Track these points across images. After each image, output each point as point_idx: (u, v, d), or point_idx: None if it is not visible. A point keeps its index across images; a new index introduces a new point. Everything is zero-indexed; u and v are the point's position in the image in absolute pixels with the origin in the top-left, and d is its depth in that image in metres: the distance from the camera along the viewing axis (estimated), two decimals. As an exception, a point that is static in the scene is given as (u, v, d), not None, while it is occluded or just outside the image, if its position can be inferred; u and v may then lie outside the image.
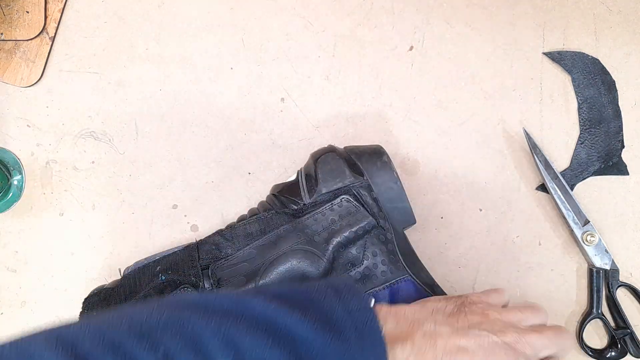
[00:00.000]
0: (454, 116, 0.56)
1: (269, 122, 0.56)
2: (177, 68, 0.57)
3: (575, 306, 0.54)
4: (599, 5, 0.57)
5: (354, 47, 0.57)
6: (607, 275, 0.53)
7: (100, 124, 0.56)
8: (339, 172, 0.47)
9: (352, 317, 0.33)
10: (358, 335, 0.33)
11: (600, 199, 0.55)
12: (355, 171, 0.48)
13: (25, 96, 0.57)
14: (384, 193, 0.48)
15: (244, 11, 0.57)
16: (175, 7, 0.57)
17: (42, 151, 0.56)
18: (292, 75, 0.57)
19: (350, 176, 0.47)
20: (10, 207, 0.55)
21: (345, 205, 0.47)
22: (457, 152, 0.56)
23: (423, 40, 0.57)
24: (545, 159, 0.53)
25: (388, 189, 0.48)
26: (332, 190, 0.47)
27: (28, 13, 0.56)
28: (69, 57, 0.57)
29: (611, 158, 0.55)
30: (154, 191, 0.56)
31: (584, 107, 0.56)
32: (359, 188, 0.47)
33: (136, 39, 0.57)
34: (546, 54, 0.56)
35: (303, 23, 0.57)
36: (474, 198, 0.55)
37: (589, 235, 0.53)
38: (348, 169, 0.48)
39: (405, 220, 0.48)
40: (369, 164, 0.48)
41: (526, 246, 0.55)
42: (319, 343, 0.31)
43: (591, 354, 0.53)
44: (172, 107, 0.56)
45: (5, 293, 0.55)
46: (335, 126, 0.56)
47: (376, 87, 0.56)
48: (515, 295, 0.54)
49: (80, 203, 0.56)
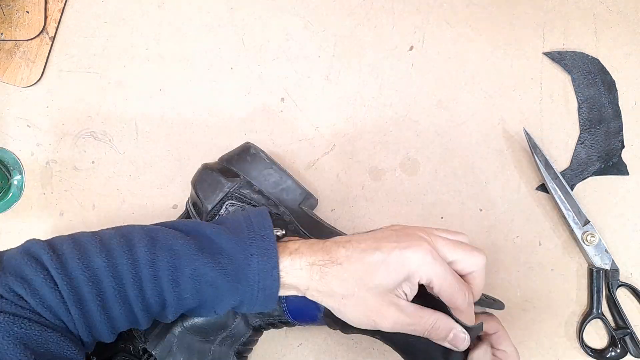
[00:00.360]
0: (454, 116, 0.56)
1: (269, 122, 0.56)
2: (177, 68, 0.57)
3: (575, 306, 0.54)
4: (599, 5, 0.57)
5: (354, 47, 0.57)
6: (607, 275, 0.53)
7: (100, 124, 0.56)
8: (215, 184, 0.48)
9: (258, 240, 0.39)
10: (259, 251, 0.38)
11: (600, 199, 0.55)
12: (230, 175, 0.48)
13: (25, 96, 0.57)
14: (264, 182, 0.48)
15: (244, 11, 0.57)
16: (175, 7, 0.57)
17: (42, 151, 0.56)
18: (292, 75, 0.57)
19: (226, 182, 0.47)
20: (10, 207, 0.55)
21: (232, 210, 0.47)
22: (457, 152, 0.56)
23: (423, 40, 0.57)
24: (545, 159, 0.53)
25: (267, 176, 0.48)
26: (216, 203, 0.47)
27: (28, 13, 0.56)
28: (69, 57, 0.57)
29: (611, 158, 0.55)
30: (154, 191, 0.56)
31: (584, 107, 0.56)
32: (238, 189, 0.47)
33: (136, 39, 0.57)
34: (546, 54, 0.56)
35: (303, 23, 0.57)
36: (474, 198, 0.55)
37: (589, 235, 0.53)
38: (223, 177, 0.48)
39: (297, 197, 0.49)
40: (240, 162, 0.49)
41: (526, 246, 0.55)
42: (221, 238, 0.39)
43: (591, 354, 0.53)
44: (172, 107, 0.56)
45: (5, 293, 0.55)
46: (335, 126, 0.56)
47: (376, 87, 0.56)
48: (515, 295, 0.54)
49: (80, 203, 0.56)
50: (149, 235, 0.38)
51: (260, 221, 0.40)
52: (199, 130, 0.56)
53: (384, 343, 0.44)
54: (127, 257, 0.37)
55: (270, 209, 0.47)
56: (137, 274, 0.36)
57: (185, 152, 0.56)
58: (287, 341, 0.54)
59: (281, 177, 0.49)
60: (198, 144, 0.56)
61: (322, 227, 0.48)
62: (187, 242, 0.38)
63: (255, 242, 0.38)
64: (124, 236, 0.38)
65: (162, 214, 0.55)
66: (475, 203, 0.55)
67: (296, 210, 0.48)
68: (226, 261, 0.38)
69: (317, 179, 0.56)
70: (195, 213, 0.48)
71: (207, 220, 0.47)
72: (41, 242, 0.38)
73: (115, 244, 0.37)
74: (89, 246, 0.37)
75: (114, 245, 0.37)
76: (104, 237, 0.38)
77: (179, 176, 0.56)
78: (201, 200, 0.48)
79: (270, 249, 0.38)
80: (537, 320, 0.54)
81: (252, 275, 0.38)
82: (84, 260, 0.36)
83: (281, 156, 0.56)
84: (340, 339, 0.54)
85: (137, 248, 0.37)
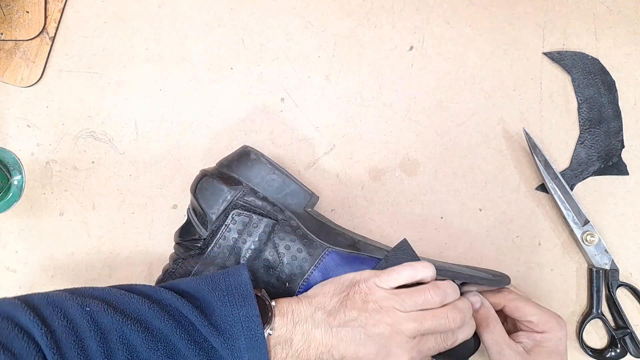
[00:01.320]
0: (454, 116, 0.56)
1: (269, 122, 0.56)
2: (177, 68, 0.57)
3: (575, 306, 0.54)
4: (599, 5, 0.57)
5: (354, 47, 0.57)
6: (607, 275, 0.53)
7: (100, 124, 0.56)
8: (218, 192, 0.47)
9: (242, 324, 0.38)
10: (247, 344, 0.38)
11: (600, 199, 0.55)
12: (232, 183, 0.47)
13: (25, 96, 0.57)
14: (268, 188, 0.48)
15: (244, 11, 0.57)
16: (175, 7, 0.57)
17: (42, 151, 0.56)
18: (292, 75, 0.57)
19: (229, 191, 0.47)
20: (10, 207, 0.55)
21: (239, 219, 0.46)
22: (457, 152, 0.56)
23: (423, 40, 0.57)
24: (545, 159, 0.53)
25: (270, 182, 0.48)
26: (221, 212, 0.46)
27: (28, 13, 0.56)
28: (69, 57, 0.57)
29: (611, 158, 0.55)
30: (154, 191, 0.56)
31: (584, 107, 0.56)
32: (243, 197, 0.47)
33: (136, 39, 0.57)
34: (546, 54, 0.56)
35: (303, 23, 0.57)
36: (474, 198, 0.55)
37: (589, 235, 0.53)
38: (225, 185, 0.47)
39: (301, 200, 0.48)
40: (241, 168, 0.48)
41: (526, 246, 0.55)
42: (214, 344, 0.38)
43: (591, 354, 0.53)
44: (172, 107, 0.56)
45: (5, 293, 0.55)
46: (335, 126, 0.56)
47: (376, 87, 0.56)
48: (515, 295, 0.54)
49: (80, 203, 0.56)
50: (142, 324, 0.37)
51: (251, 326, 0.39)
52: (199, 130, 0.56)
53: None
54: None
55: (277, 214, 0.47)
56: None
57: (185, 152, 0.56)
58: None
59: (284, 182, 0.48)
60: (198, 144, 0.56)
61: (329, 229, 0.48)
62: (180, 332, 0.38)
63: (246, 343, 0.38)
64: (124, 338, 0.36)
65: (162, 214, 0.55)
66: (475, 203, 0.55)
67: (302, 214, 0.48)
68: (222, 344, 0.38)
69: (317, 179, 0.56)
70: (198, 222, 0.47)
71: (213, 230, 0.46)
72: (20, 306, 0.36)
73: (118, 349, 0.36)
74: (83, 330, 0.35)
75: None
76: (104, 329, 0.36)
77: (179, 176, 0.56)
78: (204, 211, 0.47)
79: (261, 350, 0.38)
80: (537, 320, 0.54)
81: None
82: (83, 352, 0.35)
83: (281, 156, 0.56)
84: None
85: (117, 355, 0.36)
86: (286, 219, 0.47)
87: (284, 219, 0.47)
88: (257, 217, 0.46)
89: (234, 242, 0.46)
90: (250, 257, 0.46)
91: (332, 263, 0.46)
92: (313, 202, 0.51)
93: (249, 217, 0.46)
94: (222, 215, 0.46)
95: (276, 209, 0.47)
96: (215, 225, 0.46)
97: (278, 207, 0.47)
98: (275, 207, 0.47)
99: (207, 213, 0.47)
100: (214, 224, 0.46)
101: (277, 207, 0.47)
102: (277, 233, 0.46)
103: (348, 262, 0.46)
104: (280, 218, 0.47)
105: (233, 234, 0.46)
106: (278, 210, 0.47)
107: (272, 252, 0.46)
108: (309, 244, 0.46)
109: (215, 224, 0.46)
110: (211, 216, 0.46)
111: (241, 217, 0.46)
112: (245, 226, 0.46)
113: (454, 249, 0.55)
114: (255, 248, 0.46)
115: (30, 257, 0.55)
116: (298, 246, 0.46)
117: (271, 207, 0.47)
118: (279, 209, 0.47)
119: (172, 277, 0.47)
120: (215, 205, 0.47)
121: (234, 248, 0.46)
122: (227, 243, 0.46)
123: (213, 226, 0.46)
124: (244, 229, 0.46)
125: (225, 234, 0.46)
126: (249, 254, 0.46)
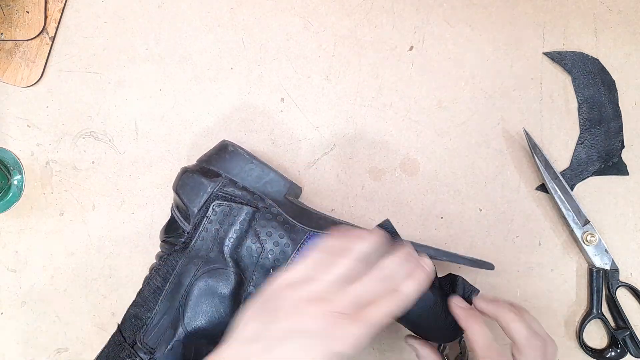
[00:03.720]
0: (454, 116, 0.56)
1: (269, 122, 0.56)
2: (177, 68, 0.57)
3: (575, 306, 0.54)
4: (599, 5, 0.57)
5: (354, 47, 0.57)
6: (607, 275, 0.53)
7: (100, 124, 0.56)
8: (198, 186, 0.47)
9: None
10: None
11: (600, 199, 0.55)
12: (212, 176, 0.48)
13: (25, 96, 0.57)
14: (247, 178, 0.48)
15: (244, 11, 0.57)
16: (175, 7, 0.57)
17: (42, 151, 0.56)
18: (292, 75, 0.57)
19: (209, 183, 0.47)
20: (10, 207, 0.55)
21: (219, 210, 0.47)
22: (457, 152, 0.56)
23: (423, 40, 0.57)
24: (545, 159, 0.53)
25: (249, 171, 0.48)
26: (202, 205, 0.47)
27: (28, 13, 0.56)
28: (69, 57, 0.57)
29: (611, 158, 0.55)
30: (154, 191, 0.56)
31: (584, 107, 0.56)
32: (222, 188, 0.47)
33: (136, 39, 0.57)
34: (546, 54, 0.56)
35: (303, 23, 0.57)
36: (474, 198, 0.55)
37: (589, 235, 0.53)
38: (205, 178, 0.47)
39: (281, 188, 0.49)
40: (219, 161, 0.49)
41: (526, 246, 0.55)
42: None
43: (591, 354, 0.53)
44: (172, 107, 0.56)
45: (5, 293, 0.55)
46: (335, 126, 0.56)
47: (376, 87, 0.56)
48: (515, 295, 0.54)
49: (80, 203, 0.56)
50: None
51: None
52: (199, 130, 0.56)
53: None
54: None
55: (257, 202, 0.47)
56: None
57: (185, 152, 0.56)
58: (287, 341, 0.54)
59: (263, 171, 0.49)
60: (198, 144, 0.56)
61: (310, 214, 0.48)
62: None
63: None
64: None
65: (162, 213, 0.55)
66: (475, 203, 0.55)
67: (282, 202, 0.48)
68: None
69: (317, 179, 0.56)
70: (181, 217, 0.48)
71: (195, 224, 0.47)
72: None
73: None
74: None
75: None
76: None
77: (179, 176, 0.56)
78: (186, 205, 0.47)
79: None
80: (537, 320, 0.54)
81: None
82: None
83: (281, 156, 0.56)
84: (340, 339, 0.54)
85: None
86: (267, 206, 0.47)
87: (265, 207, 0.47)
88: (237, 206, 0.46)
89: (216, 232, 0.46)
90: (233, 246, 0.46)
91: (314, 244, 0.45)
92: (296, 193, 0.51)
93: (229, 207, 0.47)
94: (203, 207, 0.47)
95: (256, 198, 0.47)
96: (197, 218, 0.47)
97: (258, 196, 0.48)
98: (255, 195, 0.47)
99: (189, 207, 0.47)
100: (196, 217, 0.47)
101: (257, 196, 0.48)
102: (258, 221, 0.47)
103: None
104: (261, 206, 0.47)
105: (215, 225, 0.47)
106: (258, 198, 0.47)
107: (254, 240, 0.46)
108: (291, 229, 0.46)
109: (197, 216, 0.47)
110: (193, 209, 0.47)
111: (221, 207, 0.47)
112: (226, 216, 0.47)
113: (454, 249, 0.55)
114: (238, 237, 0.46)
115: (30, 257, 0.55)
116: (280, 232, 0.46)
117: (251, 196, 0.47)
118: (259, 197, 0.47)
119: (158, 273, 0.47)
120: (197, 198, 0.47)
121: (217, 238, 0.46)
122: (210, 234, 0.47)
123: (195, 219, 0.47)
124: (225, 219, 0.46)
125: (207, 226, 0.47)
126: (232, 243, 0.46)
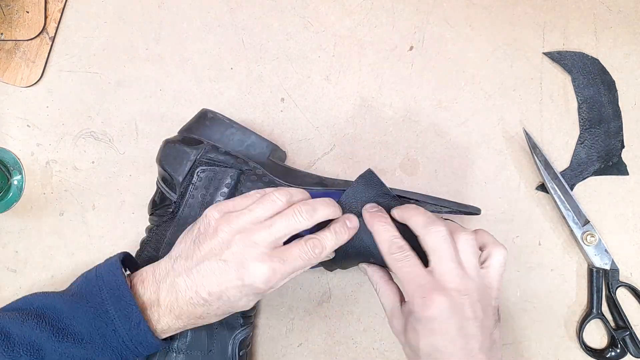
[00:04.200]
0: (454, 116, 0.56)
1: (269, 122, 0.56)
2: (177, 68, 0.57)
3: (575, 306, 0.54)
4: (599, 5, 0.57)
5: (354, 47, 0.57)
6: (607, 275, 0.53)
7: (100, 124, 0.56)
8: (181, 154, 0.48)
9: (114, 302, 0.39)
10: (119, 314, 0.39)
11: (600, 199, 0.55)
12: (194, 143, 0.48)
13: (25, 96, 0.57)
14: (229, 142, 0.49)
15: (244, 11, 0.57)
16: (175, 7, 0.57)
17: (42, 151, 0.56)
18: (292, 75, 0.57)
19: (191, 151, 0.48)
20: (10, 207, 0.55)
21: (204, 176, 0.47)
22: (457, 152, 0.56)
23: (423, 40, 0.57)
24: (545, 159, 0.53)
25: (230, 136, 0.49)
26: (187, 173, 0.47)
27: (28, 13, 0.56)
28: (69, 57, 0.57)
29: (611, 158, 0.55)
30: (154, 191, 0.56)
31: (584, 107, 0.56)
32: (205, 154, 0.48)
33: (136, 39, 0.57)
34: (546, 54, 0.56)
35: (303, 23, 0.57)
36: (474, 198, 0.55)
37: (589, 235, 0.53)
38: (187, 147, 0.48)
39: (264, 150, 0.49)
40: (200, 129, 0.49)
41: (526, 246, 0.55)
42: (77, 311, 0.39)
43: (591, 354, 0.53)
44: (172, 107, 0.56)
45: (5, 293, 0.55)
46: (335, 126, 0.56)
47: (376, 87, 0.56)
48: (515, 295, 0.54)
49: (80, 203, 0.56)
50: (2, 333, 0.37)
51: (112, 279, 0.40)
52: (199, 130, 0.56)
53: None
54: None
55: (241, 166, 0.47)
56: None
57: (185, 152, 0.56)
58: (287, 341, 0.54)
59: (244, 134, 0.49)
60: (198, 144, 0.56)
61: (295, 173, 0.49)
62: (43, 329, 0.38)
63: (112, 304, 0.39)
64: None
65: (162, 214, 0.55)
66: (475, 203, 0.55)
67: (266, 163, 0.49)
68: (88, 336, 0.38)
69: (317, 179, 0.56)
70: (167, 189, 0.48)
71: (182, 192, 0.47)
72: None
73: None
74: None
75: None
76: None
77: (179, 176, 0.56)
78: (170, 175, 0.48)
79: (130, 307, 0.39)
80: (537, 320, 0.54)
81: (122, 338, 0.39)
82: None
83: (281, 156, 0.56)
84: (340, 338, 0.54)
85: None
86: (251, 168, 0.47)
87: (249, 169, 0.47)
88: (221, 170, 0.47)
89: (202, 198, 0.47)
90: None
91: None
92: (280, 157, 0.52)
93: (213, 171, 0.47)
94: (188, 175, 0.47)
95: (240, 161, 0.48)
96: (183, 186, 0.47)
97: (241, 159, 0.48)
98: (238, 159, 0.48)
99: (174, 177, 0.47)
100: (182, 185, 0.47)
101: (241, 159, 0.48)
102: (244, 183, 0.47)
103: (316, 196, 0.45)
104: (245, 169, 0.47)
105: (201, 191, 0.47)
106: (242, 162, 0.48)
107: None
108: None
109: (183, 185, 0.47)
110: (178, 179, 0.47)
111: (206, 172, 0.47)
112: (210, 181, 0.47)
113: (454, 249, 0.55)
114: (224, 200, 0.46)
115: (30, 257, 0.55)
116: None
117: (234, 159, 0.48)
118: (242, 161, 0.48)
119: (148, 245, 0.48)
120: (180, 167, 0.47)
121: (204, 204, 0.46)
122: (197, 200, 0.47)
123: (181, 188, 0.47)
124: (210, 184, 0.47)
125: (193, 193, 0.47)
126: None
